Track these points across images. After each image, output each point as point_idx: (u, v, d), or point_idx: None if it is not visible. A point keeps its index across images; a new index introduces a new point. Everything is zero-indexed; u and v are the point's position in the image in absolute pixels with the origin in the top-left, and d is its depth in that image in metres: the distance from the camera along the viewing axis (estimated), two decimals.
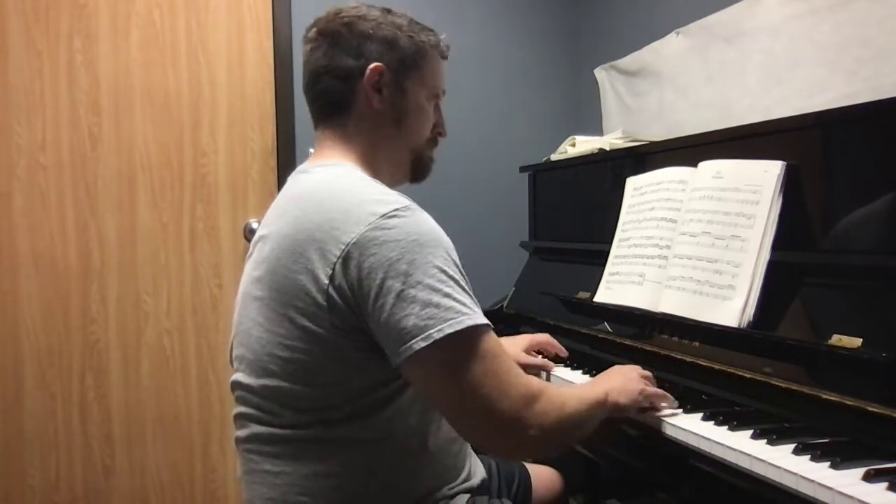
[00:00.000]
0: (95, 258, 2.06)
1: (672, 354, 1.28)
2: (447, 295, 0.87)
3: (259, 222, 2.19)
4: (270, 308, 0.95)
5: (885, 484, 0.78)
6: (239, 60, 2.19)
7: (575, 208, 1.96)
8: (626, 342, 1.43)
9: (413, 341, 0.85)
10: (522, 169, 2.15)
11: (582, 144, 1.97)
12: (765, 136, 1.29)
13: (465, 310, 0.87)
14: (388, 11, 1.08)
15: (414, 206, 0.93)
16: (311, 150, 1.12)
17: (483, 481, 1.12)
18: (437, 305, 0.86)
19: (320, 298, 0.89)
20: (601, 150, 1.83)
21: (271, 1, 2.21)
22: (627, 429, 1.13)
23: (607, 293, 1.50)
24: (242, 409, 1.02)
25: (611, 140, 1.85)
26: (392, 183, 1.04)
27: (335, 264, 0.88)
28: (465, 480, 1.07)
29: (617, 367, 1.14)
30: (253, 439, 0.99)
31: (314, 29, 1.07)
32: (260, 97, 2.22)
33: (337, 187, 0.96)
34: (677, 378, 1.24)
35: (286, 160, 2.24)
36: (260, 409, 0.98)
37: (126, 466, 2.10)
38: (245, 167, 2.21)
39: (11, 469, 1.99)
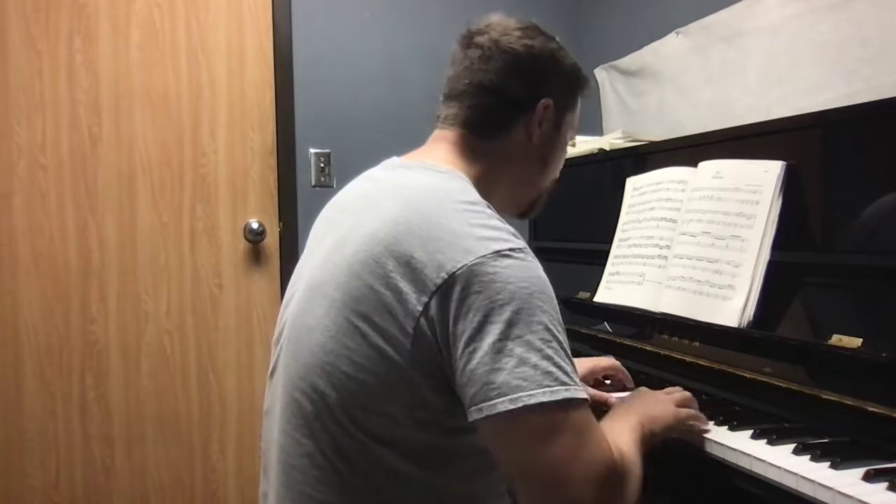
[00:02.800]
0: (95, 258, 2.06)
1: (672, 354, 1.28)
2: (547, 357, 0.77)
3: (259, 222, 2.20)
4: (342, 315, 0.84)
5: (885, 484, 0.78)
6: (239, 60, 2.19)
7: (575, 208, 1.96)
8: (626, 342, 1.43)
9: (498, 400, 0.75)
10: None
11: (582, 144, 1.97)
12: (765, 136, 1.29)
13: (563, 378, 0.77)
14: (557, 43, 1.02)
15: (528, 249, 0.84)
16: (312, 150, 1.10)
17: None
18: (535, 367, 0.76)
19: (407, 325, 0.80)
20: (601, 150, 1.83)
21: (271, 1, 2.21)
22: None
23: (607, 293, 1.50)
24: (291, 415, 0.91)
25: (611, 140, 1.85)
26: (497, 212, 0.92)
27: (434, 293, 0.79)
28: None
29: (641, 390, 1.07)
30: (299, 456, 0.89)
31: (486, 35, 0.98)
32: (260, 97, 2.22)
33: (448, 203, 0.86)
34: (677, 378, 1.24)
35: (286, 160, 2.24)
36: (311, 423, 0.87)
37: (126, 466, 2.10)
38: (245, 167, 2.21)
39: (11, 469, 1.99)
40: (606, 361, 1.31)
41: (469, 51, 0.99)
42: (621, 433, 0.87)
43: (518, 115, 0.98)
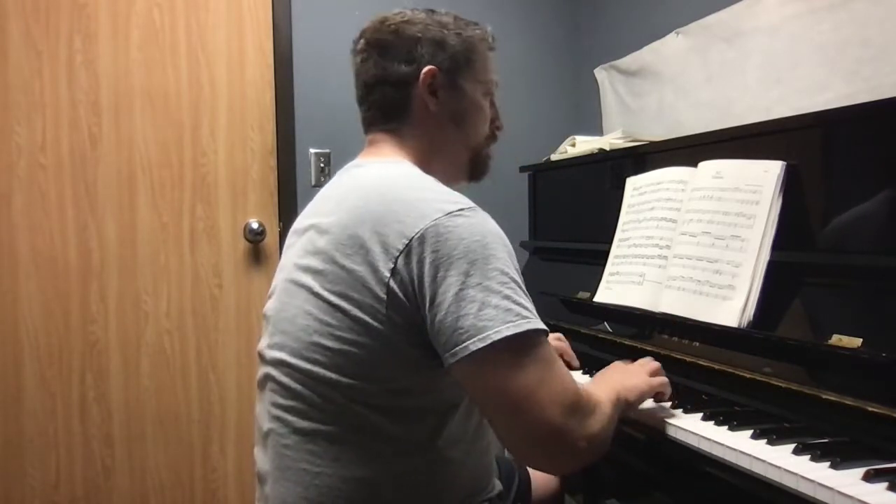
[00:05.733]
0: (95, 258, 2.06)
1: (672, 354, 1.28)
2: (507, 297, 0.86)
3: (259, 222, 2.21)
4: (322, 298, 0.92)
5: (885, 484, 0.78)
6: (239, 60, 2.19)
7: (575, 208, 1.96)
8: (626, 342, 1.43)
9: (469, 341, 0.83)
10: (522, 169, 2.16)
11: (582, 144, 1.97)
12: (765, 136, 1.29)
13: (524, 312, 0.86)
14: (433, 12, 1.09)
15: (478, 208, 0.93)
16: (312, 150, 1.13)
17: (500, 493, 1.10)
18: (496, 307, 0.84)
19: (379, 291, 0.88)
20: (601, 150, 1.84)
21: (271, 1, 2.21)
22: (627, 429, 1.13)
23: (607, 293, 1.50)
24: (280, 400, 0.97)
25: (611, 140, 1.85)
26: (447, 183, 1.01)
27: (397, 258, 0.87)
28: (490, 491, 1.06)
29: (616, 364, 1.14)
30: (291, 434, 0.95)
31: (362, 40, 1.08)
32: (260, 97, 2.22)
33: (400, 182, 0.96)
34: (677, 378, 1.24)
35: (286, 160, 2.24)
36: (302, 401, 0.94)
37: (126, 466, 2.10)
38: (245, 167, 2.21)
39: (11, 469, 1.99)
40: (556, 343, 1.41)
41: (355, 58, 1.10)
42: (598, 390, 0.96)
43: (409, 91, 1.05)
